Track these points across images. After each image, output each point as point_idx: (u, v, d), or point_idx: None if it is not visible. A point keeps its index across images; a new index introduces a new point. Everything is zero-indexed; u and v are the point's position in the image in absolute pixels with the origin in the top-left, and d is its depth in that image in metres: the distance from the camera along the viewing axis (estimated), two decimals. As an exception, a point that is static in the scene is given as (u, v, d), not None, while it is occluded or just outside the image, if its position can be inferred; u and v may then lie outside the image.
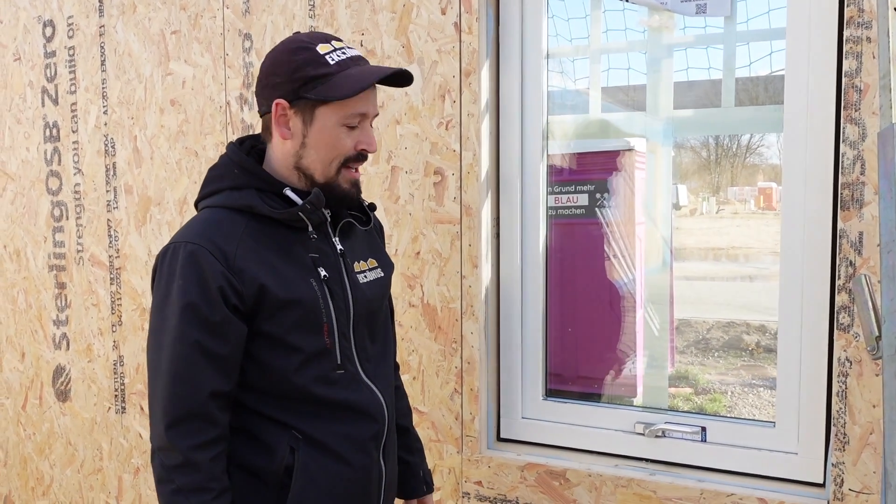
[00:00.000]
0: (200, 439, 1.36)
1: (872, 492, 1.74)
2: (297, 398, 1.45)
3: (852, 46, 1.70)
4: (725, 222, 17.25)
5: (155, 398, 1.39)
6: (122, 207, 2.70)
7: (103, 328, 2.79)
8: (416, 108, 2.16)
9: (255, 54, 2.40)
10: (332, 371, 1.47)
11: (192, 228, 1.44)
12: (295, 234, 1.47)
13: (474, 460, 2.16)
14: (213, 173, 1.53)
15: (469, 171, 2.11)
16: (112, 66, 2.68)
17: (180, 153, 2.57)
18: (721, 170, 19.14)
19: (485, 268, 2.15)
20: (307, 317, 1.44)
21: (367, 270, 1.58)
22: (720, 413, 5.77)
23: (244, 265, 1.39)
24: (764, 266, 12.37)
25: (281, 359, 1.43)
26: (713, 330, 7.89)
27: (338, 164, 1.46)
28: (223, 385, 1.39)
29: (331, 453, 1.47)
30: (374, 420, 1.52)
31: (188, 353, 1.36)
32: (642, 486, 1.97)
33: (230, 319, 1.38)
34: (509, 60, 2.16)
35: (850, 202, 1.72)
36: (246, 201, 1.45)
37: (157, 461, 1.39)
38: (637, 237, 5.58)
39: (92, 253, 2.79)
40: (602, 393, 5.31)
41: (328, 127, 1.43)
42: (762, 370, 6.80)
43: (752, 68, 2.08)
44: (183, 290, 1.37)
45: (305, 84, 1.42)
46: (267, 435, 1.45)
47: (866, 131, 1.69)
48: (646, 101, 2.11)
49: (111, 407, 2.79)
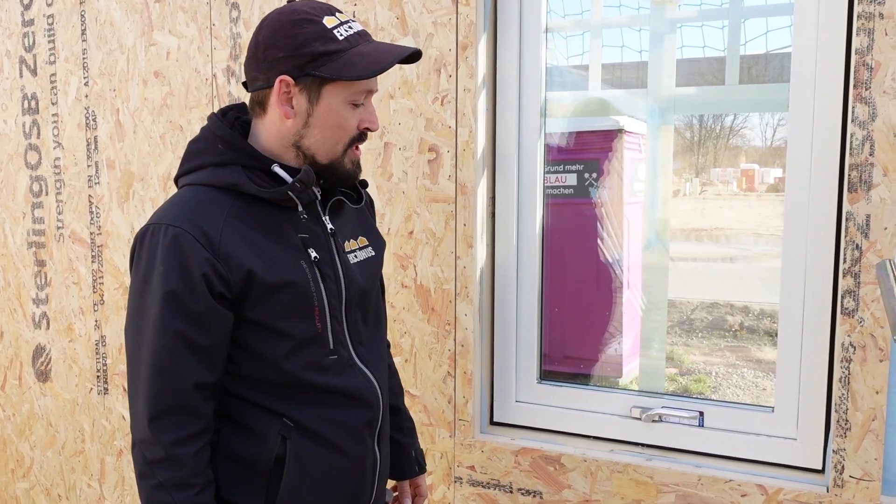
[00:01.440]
0: (184, 433, 1.30)
1: (873, 479, 1.71)
2: (288, 385, 1.39)
3: (864, 23, 1.64)
4: (708, 203, 17.32)
5: (136, 389, 1.33)
6: (104, 183, 2.62)
7: (85, 307, 2.71)
8: (410, 83, 2.09)
9: (242, 25, 2.31)
10: (325, 357, 1.41)
11: (174, 208, 1.35)
12: (283, 213, 1.40)
13: (467, 444, 2.12)
14: (195, 147, 1.43)
15: (465, 148, 2.04)
16: (93, 36, 2.58)
17: (164, 127, 2.48)
18: (704, 151, 19.17)
19: (480, 248, 2.10)
20: (297, 301, 1.37)
21: (357, 250, 1.52)
22: (705, 393, 5.80)
23: (230, 249, 1.32)
24: (746, 247, 12.43)
25: (270, 346, 1.37)
26: (697, 311, 7.92)
27: (344, 145, 1.40)
28: (207, 376, 1.33)
29: (324, 442, 1.41)
30: (368, 406, 1.47)
31: (170, 345, 1.29)
32: (639, 472, 1.94)
33: (214, 309, 1.31)
34: (507, 34, 2.09)
35: (857, 184, 1.68)
36: (231, 179, 1.36)
37: (139, 454, 1.32)
38: (625, 217, 5.54)
39: (73, 230, 2.71)
40: (588, 373, 5.30)
41: (335, 106, 1.37)
42: (746, 351, 6.84)
43: (757, 45, 2.03)
44: (164, 277, 1.29)
45: (314, 60, 1.33)
46: (257, 423, 1.39)
47: (876, 111, 1.65)
48: (647, 78, 2.05)
49: (93, 388, 2.72)
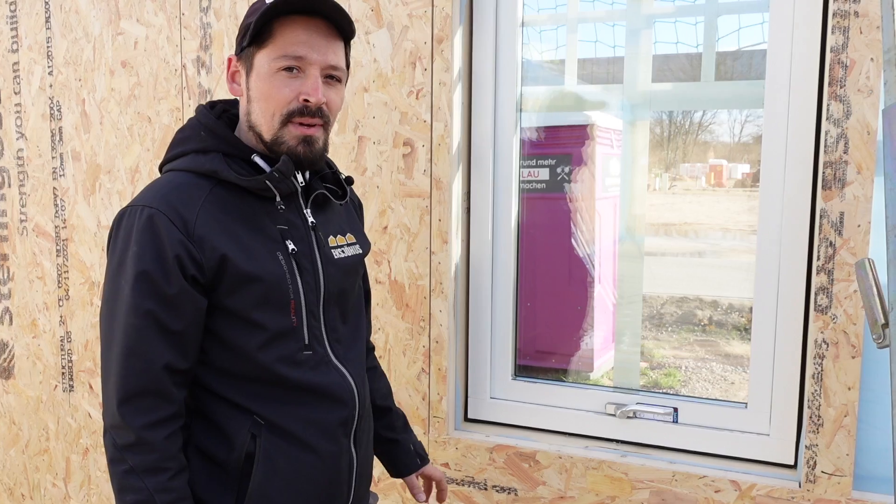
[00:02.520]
0: (154, 417, 1.27)
1: (845, 474, 1.73)
2: (259, 379, 1.36)
3: (839, 21, 1.65)
4: (677, 198, 17.47)
5: (108, 373, 1.29)
6: (70, 175, 2.55)
7: (49, 302, 2.64)
8: (385, 76, 2.06)
9: (213, 15, 2.26)
10: (299, 352, 1.38)
11: (152, 191, 1.33)
12: (262, 203, 1.37)
13: (441, 441, 2.10)
14: (180, 136, 1.43)
15: (440, 142, 2.02)
16: (57, 24, 2.51)
17: (132, 118, 2.42)
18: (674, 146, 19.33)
19: (455, 244, 2.08)
20: (272, 293, 1.34)
21: (344, 245, 1.49)
22: (675, 387, 5.85)
23: (204, 233, 1.29)
24: (715, 242, 12.57)
25: (244, 336, 1.34)
26: (667, 305, 7.98)
27: (280, 117, 1.34)
28: (179, 361, 1.30)
29: (294, 440, 1.38)
30: (342, 404, 1.43)
31: (141, 325, 1.26)
32: (613, 468, 1.94)
33: (186, 291, 1.28)
34: (483, 28, 2.07)
35: (832, 181, 1.69)
36: (211, 166, 1.35)
37: (109, 440, 1.29)
38: (597, 212, 5.55)
39: (36, 223, 2.64)
40: (559, 367, 5.31)
41: (263, 73, 1.34)
42: (714, 345, 6.91)
43: (731, 41, 2.03)
44: (138, 257, 1.27)
45: (245, 33, 1.36)
46: (226, 421, 1.36)
47: (851, 109, 1.65)
48: (623, 73, 2.04)
49: (58, 385, 2.66)
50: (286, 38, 1.33)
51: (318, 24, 1.35)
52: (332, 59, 1.37)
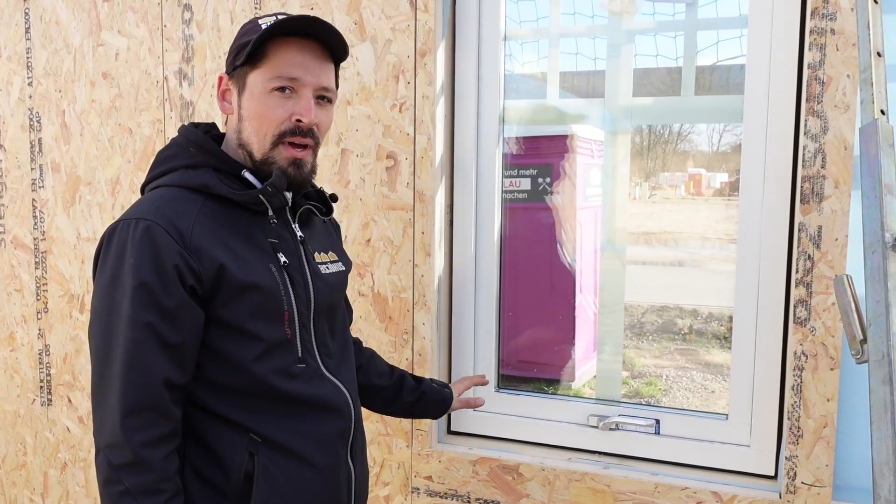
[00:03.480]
0: (153, 434, 1.25)
1: (825, 485, 1.75)
2: (256, 394, 1.35)
3: (816, 38, 1.68)
4: (657, 207, 17.61)
5: (105, 389, 1.27)
6: (49, 186, 2.53)
7: (27, 315, 2.61)
8: (368, 89, 2.07)
9: (195, 27, 2.26)
10: (293, 364, 1.38)
11: (144, 205, 1.33)
12: (253, 217, 1.39)
13: (424, 454, 2.10)
14: (165, 153, 1.43)
15: (423, 155, 2.03)
16: (37, 35, 2.49)
17: (113, 130, 2.41)
18: (654, 155, 19.51)
19: (438, 256, 2.08)
20: (267, 303, 1.35)
21: (328, 262, 1.51)
22: (656, 396, 5.88)
23: (201, 244, 1.29)
24: (694, 250, 12.67)
25: (240, 348, 1.33)
26: (647, 314, 8.03)
27: (273, 137, 1.36)
28: (177, 376, 1.28)
29: (294, 455, 1.37)
30: (339, 415, 1.44)
31: (141, 338, 1.25)
32: (596, 480, 1.95)
33: (186, 303, 1.28)
34: (466, 41, 2.08)
35: (809, 195, 1.71)
36: (202, 180, 1.35)
37: (104, 460, 1.26)
38: (578, 222, 5.57)
39: (15, 235, 2.61)
40: (541, 377, 5.31)
41: (256, 93, 1.36)
42: (695, 354, 6.96)
43: (710, 56, 2.06)
44: (136, 269, 1.25)
45: (238, 53, 1.37)
46: (223, 442, 1.34)
47: (828, 125, 1.68)
48: (604, 87, 2.06)
49: (36, 399, 2.63)
50: (280, 59, 1.35)
51: (311, 45, 1.38)
52: (324, 80, 1.39)
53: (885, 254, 0.93)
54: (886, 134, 1.02)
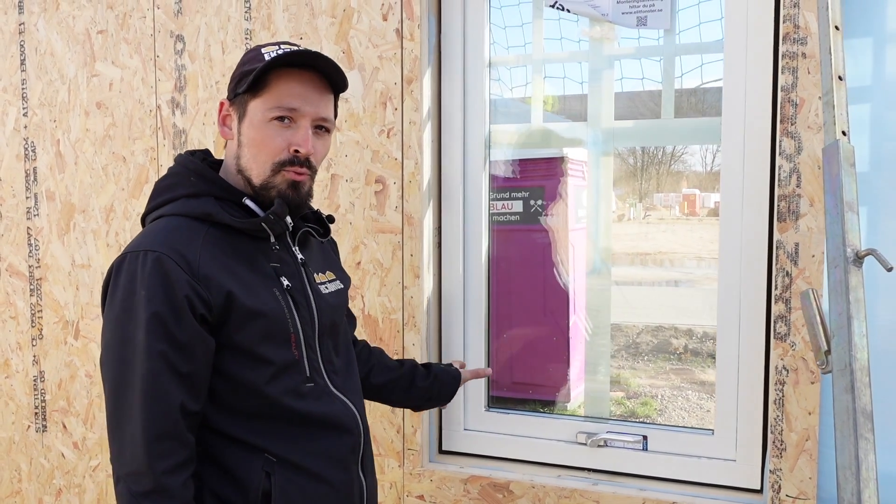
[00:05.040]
0: (173, 461, 1.27)
1: (808, 497, 1.77)
2: (269, 416, 1.38)
3: (788, 62, 1.73)
4: (652, 227, 17.70)
5: (124, 420, 1.28)
6: (44, 215, 2.57)
7: (22, 342, 2.64)
8: (356, 115, 2.12)
9: (187, 57, 2.31)
10: (302, 384, 1.42)
11: (149, 237, 1.35)
12: (255, 243, 1.42)
13: (416, 474, 2.12)
14: (165, 183, 1.46)
15: (411, 179, 2.07)
16: (32, 66, 2.55)
17: (107, 158, 2.45)
18: (647, 176, 19.65)
19: (427, 278, 2.12)
20: (273, 327, 1.38)
21: (327, 282, 1.54)
22: (651, 416, 5.89)
23: (209, 272, 1.32)
24: (689, 270, 12.72)
25: (252, 372, 1.36)
26: (643, 334, 8.05)
27: (271, 167, 1.40)
28: (191, 403, 1.31)
29: (309, 474, 1.40)
30: (349, 432, 1.47)
31: (156, 368, 1.27)
32: (585, 497, 1.97)
33: (197, 332, 1.30)
34: (451, 68, 2.14)
35: (786, 214, 1.76)
36: (205, 209, 1.38)
37: (124, 489, 1.27)
38: (570, 243, 5.63)
39: (10, 262, 2.64)
40: (536, 398, 5.33)
41: (256, 121, 1.39)
42: (690, 374, 6.97)
43: (689, 80, 2.11)
44: (147, 300, 1.28)
45: (240, 80, 1.41)
46: (239, 463, 1.37)
47: (802, 145, 1.73)
48: (587, 111, 2.11)
49: (31, 425, 2.65)
50: (281, 89, 1.38)
51: (311, 77, 1.42)
52: (322, 111, 1.43)
53: (846, 268, 0.97)
54: (847, 154, 1.06)
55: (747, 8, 1.84)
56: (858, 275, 0.97)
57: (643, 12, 1.97)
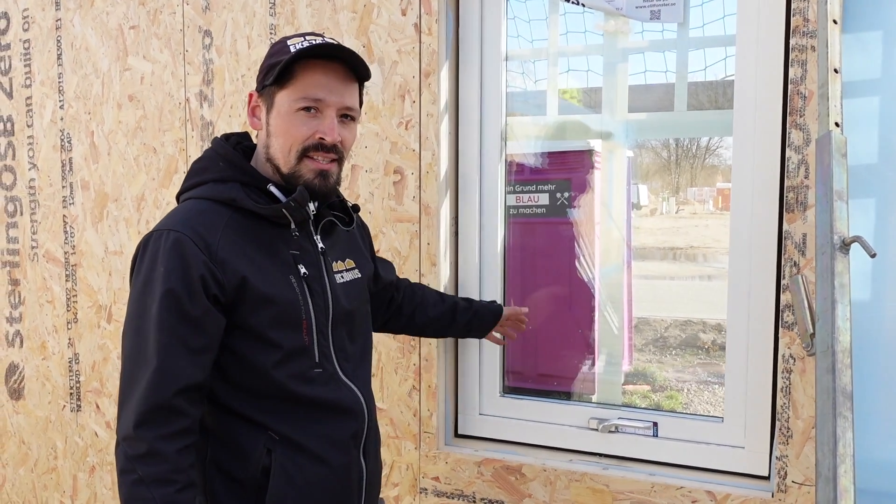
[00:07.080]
0: (167, 430, 1.33)
1: (813, 483, 1.80)
2: (274, 396, 1.45)
3: (797, 55, 1.76)
4: (684, 222, 17.51)
5: (131, 386, 1.35)
6: (79, 203, 2.68)
7: (58, 325, 2.75)
8: (376, 108, 2.18)
9: (214, 51, 2.39)
10: (310, 369, 1.47)
11: (175, 217, 1.43)
12: (277, 230, 1.48)
13: (432, 456, 2.19)
14: (198, 166, 1.53)
15: (428, 170, 2.13)
16: (69, 61, 2.65)
17: (138, 149, 2.55)
18: (681, 170, 19.44)
19: (443, 266, 2.18)
20: (286, 313, 1.44)
21: (343, 271, 1.59)
22: (676, 410, 5.88)
23: (226, 256, 1.39)
24: (722, 265, 12.59)
25: (260, 354, 1.43)
26: (671, 328, 8.01)
27: (297, 153, 1.45)
28: (197, 376, 1.37)
29: (309, 454, 1.46)
30: (353, 418, 1.53)
31: (167, 342, 1.34)
32: (595, 480, 2.02)
33: (209, 310, 1.37)
34: (468, 62, 2.19)
35: (794, 205, 1.78)
36: (229, 194, 1.45)
37: (121, 451, 1.35)
38: (597, 236, 5.66)
39: (47, 249, 2.76)
40: (562, 390, 5.37)
41: (283, 111, 1.44)
42: (717, 367, 6.94)
43: (704, 73, 2.14)
44: (165, 277, 1.35)
45: (268, 73, 1.46)
46: (243, 438, 1.44)
47: (810, 137, 1.75)
48: (602, 103, 2.15)
49: (66, 405, 2.76)
50: (307, 80, 1.44)
51: (336, 67, 1.47)
52: (347, 100, 1.48)
53: (832, 254, 1.00)
54: (839, 144, 1.09)
55: (759, 1, 1.86)
56: (844, 261, 1.00)
57: (657, 6, 2.00)
